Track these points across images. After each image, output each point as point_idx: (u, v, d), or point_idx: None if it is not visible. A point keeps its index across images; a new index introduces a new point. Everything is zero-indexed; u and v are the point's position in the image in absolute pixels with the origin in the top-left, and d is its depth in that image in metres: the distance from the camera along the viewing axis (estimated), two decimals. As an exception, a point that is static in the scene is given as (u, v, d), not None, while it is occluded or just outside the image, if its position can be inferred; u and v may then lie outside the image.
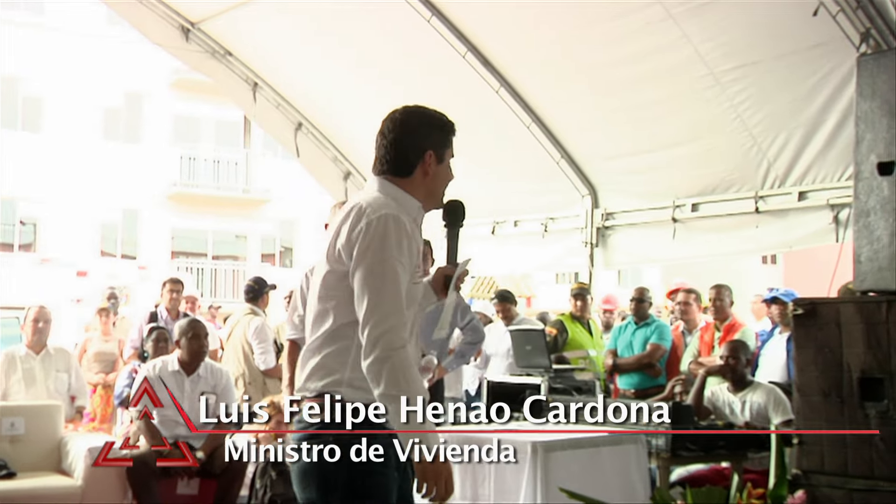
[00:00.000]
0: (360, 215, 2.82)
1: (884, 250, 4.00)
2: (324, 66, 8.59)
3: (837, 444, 3.99)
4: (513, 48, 7.57)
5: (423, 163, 2.96)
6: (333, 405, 2.78)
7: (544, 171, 8.26)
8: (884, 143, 4.01)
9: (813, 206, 6.67)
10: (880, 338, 3.90)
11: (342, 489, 2.78)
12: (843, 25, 5.68)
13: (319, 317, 2.86)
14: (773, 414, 5.84)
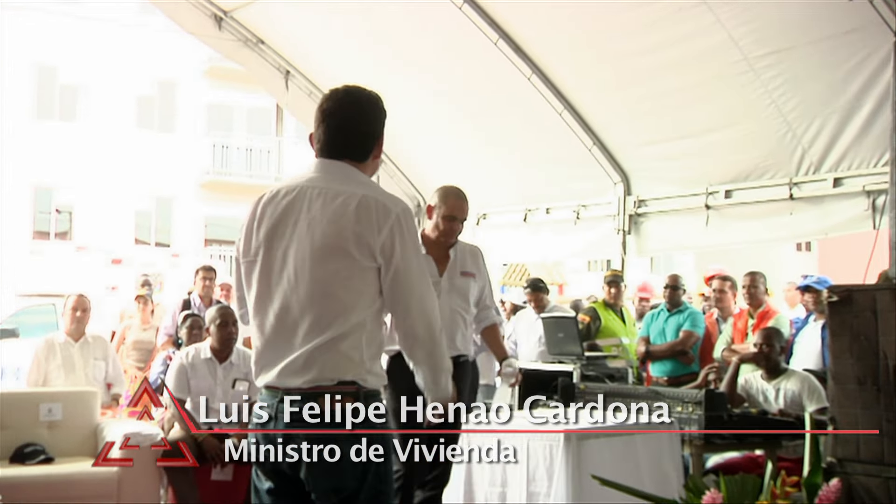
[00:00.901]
0: (382, 212, 2.87)
1: (921, 237, 3.96)
2: (355, 54, 8.60)
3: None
4: (545, 35, 7.54)
5: (376, 148, 3.05)
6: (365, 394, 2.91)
7: (576, 159, 8.23)
8: (921, 129, 3.97)
9: (848, 193, 6.60)
10: (917, 325, 3.87)
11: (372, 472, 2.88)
12: (880, 9, 5.61)
13: (336, 307, 2.85)
14: (808, 402, 5.80)
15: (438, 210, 5.06)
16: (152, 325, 8.91)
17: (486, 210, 9.33)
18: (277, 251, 2.90)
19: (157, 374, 7.54)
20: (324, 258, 2.84)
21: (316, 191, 2.89)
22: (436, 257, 5.01)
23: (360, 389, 2.85)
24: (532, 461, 4.95)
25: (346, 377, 2.84)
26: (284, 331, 2.88)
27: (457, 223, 5.08)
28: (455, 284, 5.05)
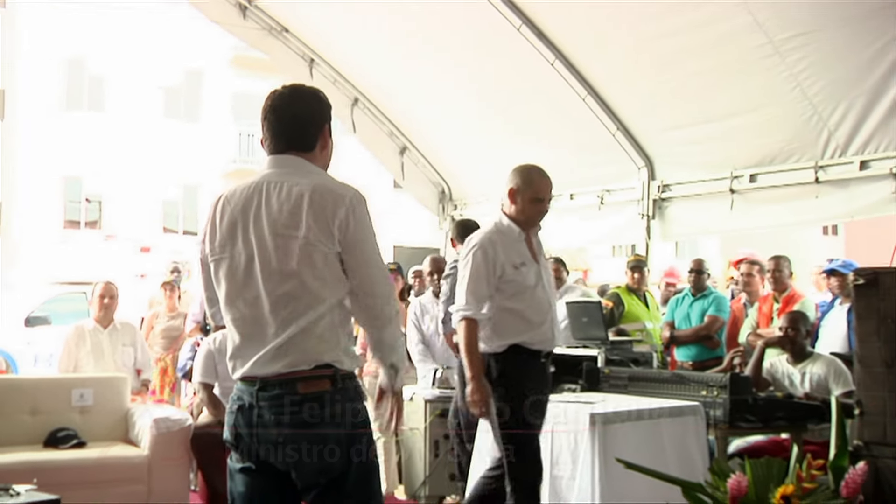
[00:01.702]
0: (337, 199, 2.95)
1: (948, 219, 3.92)
2: (379, 42, 8.60)
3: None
4: (567, 20, 7.51)
5: (323, 137, 3.11)
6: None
7: (600, 144, 8.19)
8: (948, 110, 3.92)
9: (875, 176, 6.53)
10: (944, 308, 3.83)
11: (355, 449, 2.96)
12: (907, -11, 5.56)
13: (303, 294, 2.92)
14: (834, 385, 5.77)
15: (523, 193, 4.60)
16: (179, 312, 8.95)
17: (510, 196, 9.31)
18: (241, 246, 2.99)
19: (186, 360, 7.61)
20: (286, 248, 2.92)
21: (271, 185, 2.99)
22: (525, 242, 4.66)
23: (337, 372, 2.92)
24: (556, 445, 4.94)
25: (323, 361, 2.91)
26: (257, 322, 2.96)
27: (544, 205, 4.66)
28: (547, 271, 4.74)
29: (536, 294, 4.56)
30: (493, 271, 4.50)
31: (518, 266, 4.53)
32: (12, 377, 10.20)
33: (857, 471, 3.92)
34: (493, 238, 4.56)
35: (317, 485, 2.93)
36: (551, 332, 4.62)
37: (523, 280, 4.53)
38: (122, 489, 6.00)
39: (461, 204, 9.97)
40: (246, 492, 3.05)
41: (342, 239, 2.93)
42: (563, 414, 5.03)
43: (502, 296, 4.52)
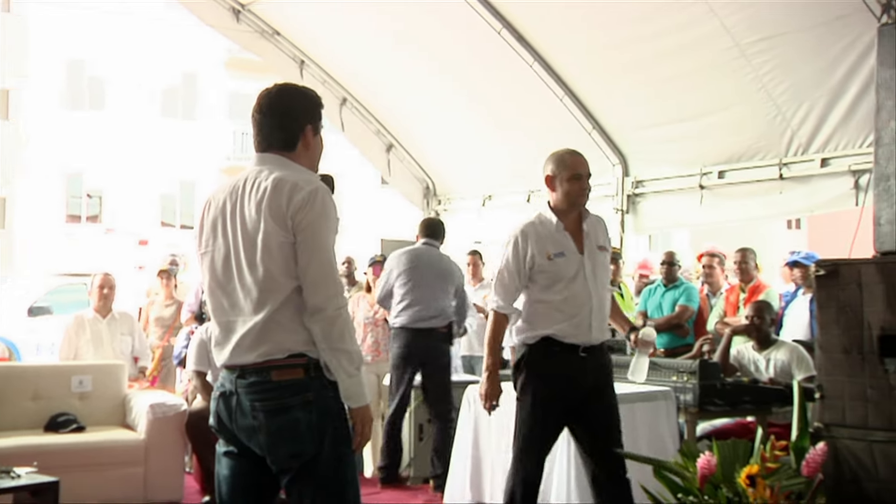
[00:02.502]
0: (293, 188, 2.87)
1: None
2: (366, 45, 8.58)
3: (858, 399, 3.95)
4: (546, 24, 7.51)
5: (304, 137, 3.03)
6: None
7: (577, 142, 8.10)
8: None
9: (835, 173, 6.57)
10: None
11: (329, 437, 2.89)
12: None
13: (267, 284, 2.87)
14: (796, 371, 5.79)
15: (560, 175, 4.39)
16: (175, 300, 8.87)
17: (491, 192, 9.32)
18: (221, 241, 2.98)
19: (181, 348, 7.56)
20: (253, 240, 2.89)
21: (248, 182, 2.96)
22: (570, 231, 4.35)
23: (311, 361, 2.87)
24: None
25: (295, 350, 2.87)
26: (232, 313, 2.94)
27: (584, 181, 4.40)
28: (597, 262, 4.36)
29: (573, 285, 4.26)
30: (524, 263, 4.26)
31: (553, 256, 4.25)
32: (15, 364, 10.15)
33: (817, 451, 3.93)
34: (527, 229, 4.32)
35: (290, 469, 2.90)
36: (587, 325, 4.27)
37: (558, 271, 4.25)
38: (119, 472, 6.00)
39: (445, 199, 9.97)
40: (229, 475, 3.04)
41: (295, 227, 2.85)
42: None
43: (536, 287, 4.28)
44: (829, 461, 3.93)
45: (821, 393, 4.14)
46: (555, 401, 4.22)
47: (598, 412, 4.29)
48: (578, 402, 4.24)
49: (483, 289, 8.93)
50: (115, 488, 5.95)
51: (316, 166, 3.11)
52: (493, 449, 5.13)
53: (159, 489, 6.14)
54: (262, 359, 2.87)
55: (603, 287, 4.35)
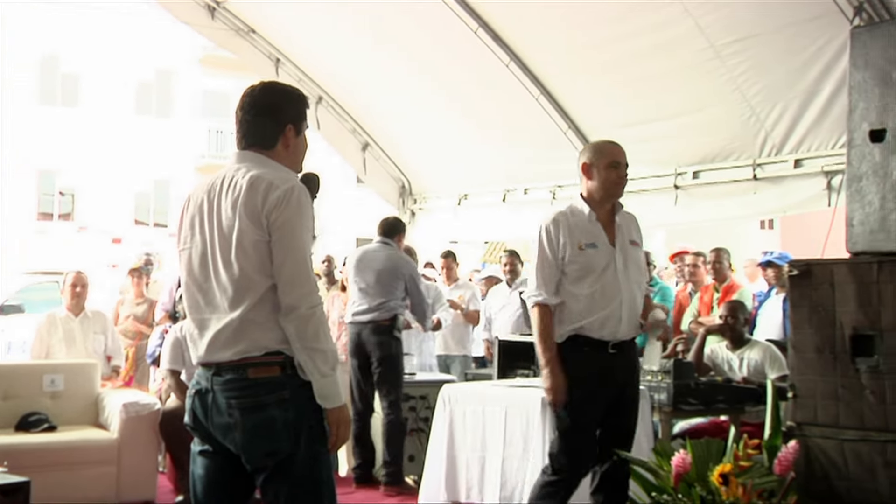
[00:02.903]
0: (269, 187, 2.85)
1: (875, 213, 3.96)
2: (343, 43, 8.55)
3: (830, 398, 3.98)
4: (522, 24, 7.51)
5: (284, 136, 3.01)
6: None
7: (552, 141, 8.20)
8: (875, 112, 3.96)
9: (808, 174, 6.60)
10: (871, 297, 3.87)
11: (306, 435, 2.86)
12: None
13: (242, 283, 2.85)
14: (769, 370, 5.84)
15: (598, 162, 4.29)
16: (146, 298, 8.80)
17: (466, 191, 9.32)
18: (197, 237, 2.96)
19: (155, 346, 7.51)
20: (228, 237, 2.87)
21: (225, 180, 2.94)
22: (602, 223, 4.28)
23: (287, 358, 2.85)
24: (510, 427, 4.96)
25: (272, 347, 2.84)
26: (207, 310, 2.92)
27: (622, 169, 4.33)
28: (629, 256, 4.28)
29: (604, 278, 4.18)
30: (557, 252, 4.18)
31: (584, 247, 4.17)
32: (-14, 363, 10.05)
33: (789, 449, 3.97)
34: (559, 218, 4.24)
35: (265, 468, 2.88)
36: (618, 319, 4.18)
37: (588, 262, 4.16)
38: (91, 471, 5.95)
39: (420, 198, 9.95)
40: (204, 474, 3.02)
41: (270, 225, 2.83)
42: (516, 397, 5.05)
43: (566, 279, 4.20)
44: (800, 460, 3.96)
45: (793, 392, 4.17)
46: (587, 402, 4.15)
47: (623, 413, 4.27)
48: (608, 401, 4.20)
49: (458, 289, 8.94)
50: (88, 488, 5.90)
51: (298, 165, 3.08)
52: (468, 448, 5.14)
53: (132, 489, 6.09)
54: (238, 356, 2.85)
55: (634, 282, 4.27)
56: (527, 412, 4.89)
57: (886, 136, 3.92)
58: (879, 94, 3.95)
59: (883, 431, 3.78)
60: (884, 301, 3.84)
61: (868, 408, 3.85)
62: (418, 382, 7.03)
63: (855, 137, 4.05)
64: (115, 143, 24.14)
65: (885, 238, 3.92)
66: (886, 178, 3.92)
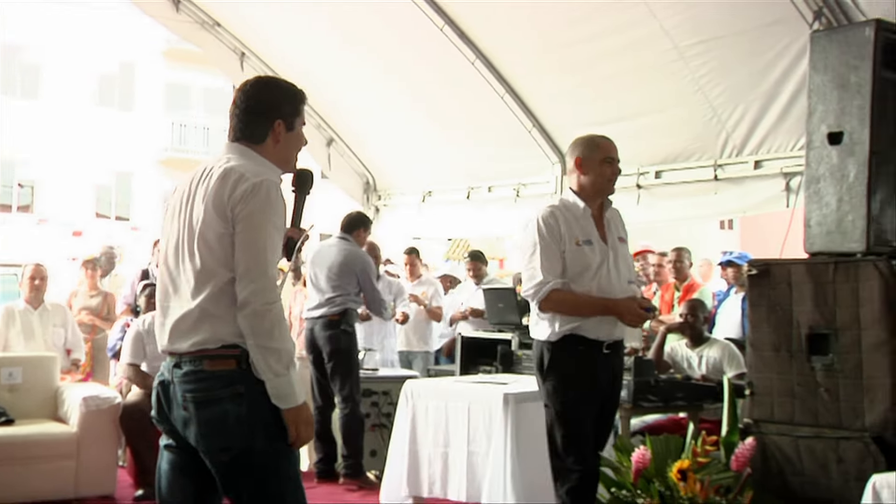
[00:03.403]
0: (239, 179, 2.82)
1: (832, 215, 4.03)
2: (308, 38, 8.52)
3: (786, 395, 4.05)
4: (488, 22, 7.53)
5: (273, 131, 2.98)
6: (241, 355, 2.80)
7: (517, 140, 8.23)
8: (834, 115, 4.03)
9: (767, 175, 6.68)
10: (827, 296, 3.94)
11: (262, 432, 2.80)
12: (798, 3, 5.68)
13: (203, 274, 2.83)
14: (728, 368, 5.90)
15: (591, 157, 4.15)
16: (100, 291, 8.68)
17: (431, 188, 9.33)
18: (175, 226, 2.94)
19: (116, 340, 7.45)
20: (195, 229, 2.85)
21: (206, 171, 2.92)
22: (594, 219, 4.15)
23: (243, 352, 2.79)
24: (473, 422, 4.98)
25: (229, 340, 2.80)
26: (174, 297, 2.90)
27: (616, 165, 4.20)
28: (619, 252, 4.14)
29: (600, 275, 4.03)
30: (559, 242, 4.00)
31: (581, 243, 4.03)
32: (-57, 356, 9.89)
33: (746, 446, 4.03)
34: (555, 212, 4.07)
35: (221, 464, 2.84)
36: (614, 320, 4.04)
37: (585, 259, 4.01)
38: (50, 465, 5.88)
39: (385, 194, 9.94)
40: (168, 469, 2.98)
41: (234, 218, 2.79)
42: (479, 393, 5.07)
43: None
44: (757, 456, 4.03)
45: (750, 390, 4.24)
46: (584, 402, 4.04)
47: (607, 414, 4.19)
48: (602, 400, 4.10)
49: (421, 285, 8.95)
50: (46, 482, 5.84)
51: (288, 161, 3.03)
52: (430, 443, 5.15)
53: (91, 483, 6.03)
54: (195, 348, 2.82)
55: (625, 279, 4.14)
56: (489, 408, 4.91)
57: (844, 138, 3.99)
58: (837, 98, 4.02)
59: (836, 428, 3.86)
60: (839, 301, 3.91)
61: (822, 405, 3.92)
62: (381, 378, 7.03)
63: (813, 140, 4.12)
64: (77, 136, 23.83)
65: (842, 239, 3.99)
66: (843, 181, 3.99)
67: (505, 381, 5.47)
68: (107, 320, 8.42)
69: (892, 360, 3.75)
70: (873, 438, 3.73)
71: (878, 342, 3.78)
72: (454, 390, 5.24)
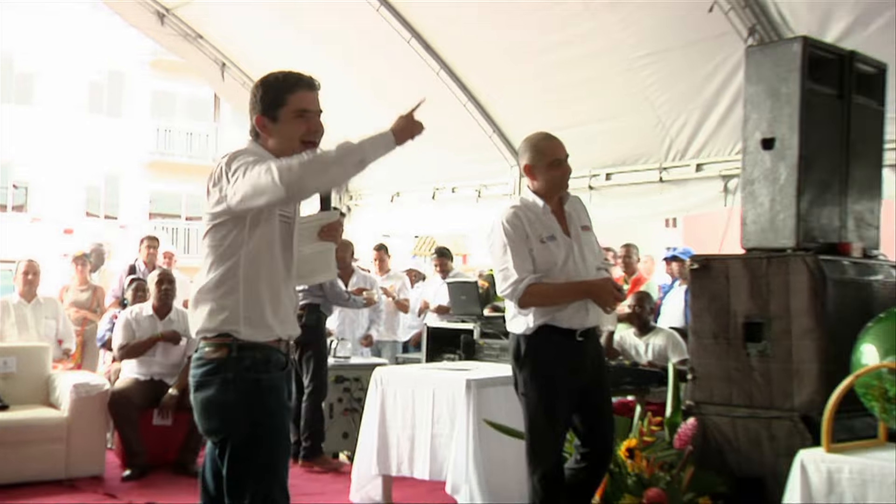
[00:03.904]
0: (220, 162, 2.78)
1: (765, 214, 4.06)
2: (284, 49, 8.44)
3: (724, 379, 4.08)
4: (451, 34, 7.53)
5: (260, 126, 2.93)
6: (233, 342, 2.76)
7: (478, 145, 8.25)
8: (766, 122, 4.06)
9: (708, 177, 6.75)
10: (761, 288, 3.98)
11: (244, 418, 2.77)
12: (734, 21, 5.74)
13: (206, 263, 2.81)
14: (672, 354, 5.94)
15: (539, 164, 3.95)
16: (90, 285, 8.57)
17: (399, 189, 9.31)
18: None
19: (105, 331, 7.37)
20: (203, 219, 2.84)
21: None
22: (555, 215, 3.98)
23: (235, 341, 2.76)
24: (437, 407, 4.97)
25: (222, 329, 2.76)
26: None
27: (565, 165, 3.99)
28: (583, 242, 3.98)
29: (566, 269, 3.88)
30: (525, 240, 3.85)
31: (545, 240, 3.88)
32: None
33: (687, 426, 4.06)
34: (517, 212, 3.90)
35: (214, 442, 2.84)
36: (585, 307, 3.86)
37: (551, 255, 3.87)
38: (42, 448, 5.82)
39: (356, 195, 9.91)
40: (209, 451, 2.93)
41: (220, 187, 2.71)
42: (443, 380, 5.06)
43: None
44: (697, 435, 4.06)
45: (692, 374, 4.27)
46: (560, 392, 3.84)
47: (597, 400, 3.98)
48: (580, 390, 3.88)
49: (390, 279, 8.93)
50: (38, 464, 5.78)
51: (284, 150, 2.85)
52: (398, 426, 5.14)
53: (81, 464, 5.97)
54: (200, 335, 2.82)
55: (592, 267, 3.97)
56: (452, 393, 4.90)
57: (776, 144, 4.03)
58: (770, 107, 4.05)
59: (769, 409, 3.89)
60: (772, 292, 3.95)
61: (756, 388, 3.96)
62: (352, 365, 7.00)
63: (749, 145, 4.15)
64: (68, 140, 23.52)
65: (774, 236, 4.03)
66: (776, 182, 4.02)
67: (467, 367, 5.47)
68: (96, 312, 8.31)
69: (818, 346, 3.79)
70: (801, 417, 3.77)
71: (806, 330, 3.82)
72: (420, 376, 5.23)
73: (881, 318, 3.24)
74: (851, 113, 4.19)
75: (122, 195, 25.29)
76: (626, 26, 6.42)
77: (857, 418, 3.44)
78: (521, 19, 6.92)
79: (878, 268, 4.16)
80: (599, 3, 6.34)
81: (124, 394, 6.18)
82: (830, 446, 3.07)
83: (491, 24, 7.12)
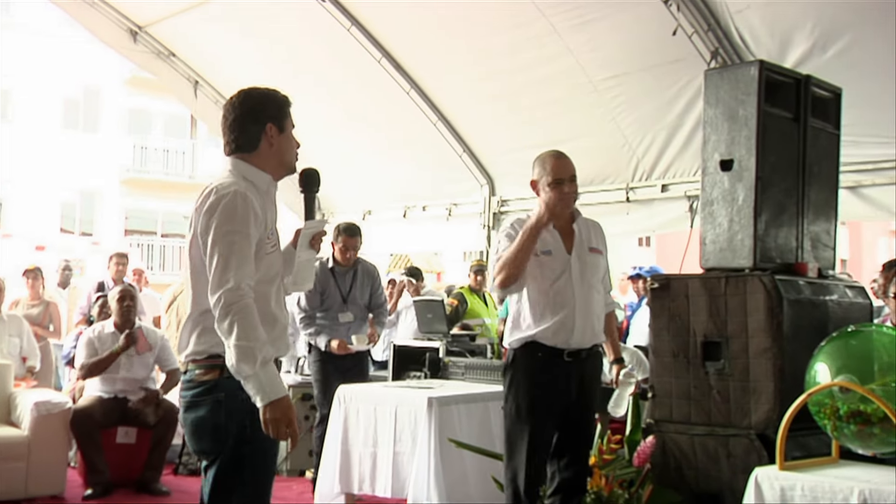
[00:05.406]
0: (211, 193, 2.75)
1: (724, 234, 4.08)
2: (257, 68, 8.45)
3: (683, 397, 4.08)
4: (421, 54, 7.57)
5: (266, 135, 2.87)
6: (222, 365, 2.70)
7: (449, 163, 8.28)
8: (725, 144, 4.08)
9: (673, 197, 6.80)
10: (720, 307, 3.99)
11: (233, 438, 2.75)
12: (697, 44, 5.80)
13: (195, 292, 2.78)
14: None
15: (542, 180, 3.93)
16: (42, 300, 8.43)
17: (371, 207, 9.31)
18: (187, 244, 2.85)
19: (69, 348, 7.28)
20: (188, 245, 2.80)
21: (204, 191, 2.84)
22: (560, 231, 3.98)
23: (225, 364, 2.70)
24: (399, 424, 4.94)
25: (212, 351, 2.75)
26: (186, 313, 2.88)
27: (566, 185, 3.90)
28: (586, 262, 3.96)
29: (557, 285, 3.88)
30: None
31: (539, 254, 3.86)
32: None
33: (647, 444, 4.05)
34: (515, 225, 3.95)
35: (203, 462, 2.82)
36: (571, 327, 3.86)
37: (543, 269, 3.86)
38: (2, 466, 5.71)
39: (328, 213, 9.87)
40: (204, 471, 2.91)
41: (200, 231, 2.71)
42: (405, 397, 5.04)
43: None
44: (657, 452, 4.05)
45: (652, 392, 4.26)
46: (540, 410, 3.83)
47: (579, 424, 3.97)
48: (563, 410, 3.88)
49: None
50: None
51: (284, 163, 2.89)
52: (360, 444, 5.10)
53: (42, 483, 5.86)
54: (189, 357, 2.80)
55: (591, 288, 3.95)
56: (414, 411, 4.88)
57: (734, 165, 4.05)
58: (728, 129, 4.08)
59: (726, 427, 3.90)
60: (730, 312, 3.96)
61: (714, 406, 3.96)
62: (319, 383, 6.94)
63: (708, 166, 4.17)
64: (44, 156, 23.35)
65: (732, 256, 4.05)
66: (734, 203, 4.04)
67: (431, 385, 5.45)
68: (48, 329, 8.15)
69: (774, 365, 3.80)
70: (758, 435, 3.78)
71: (763, 349, 3.83)
72: (382, 394, 5.20)
73: (833, 338, 3.25)
74: (807, 136, 4.22)
75: (98, 212, 25.11)
76: (592, 48, 6.47)
77: (811, 436, 3.45)
78: (491, 40, 6.96)
79: (833, 288, 4.19)
80: (567, 25, 6.39)
81: (87, 412, 6.10)
82: (784, 464, 3.07)
83: (461, 44, 7.17)
